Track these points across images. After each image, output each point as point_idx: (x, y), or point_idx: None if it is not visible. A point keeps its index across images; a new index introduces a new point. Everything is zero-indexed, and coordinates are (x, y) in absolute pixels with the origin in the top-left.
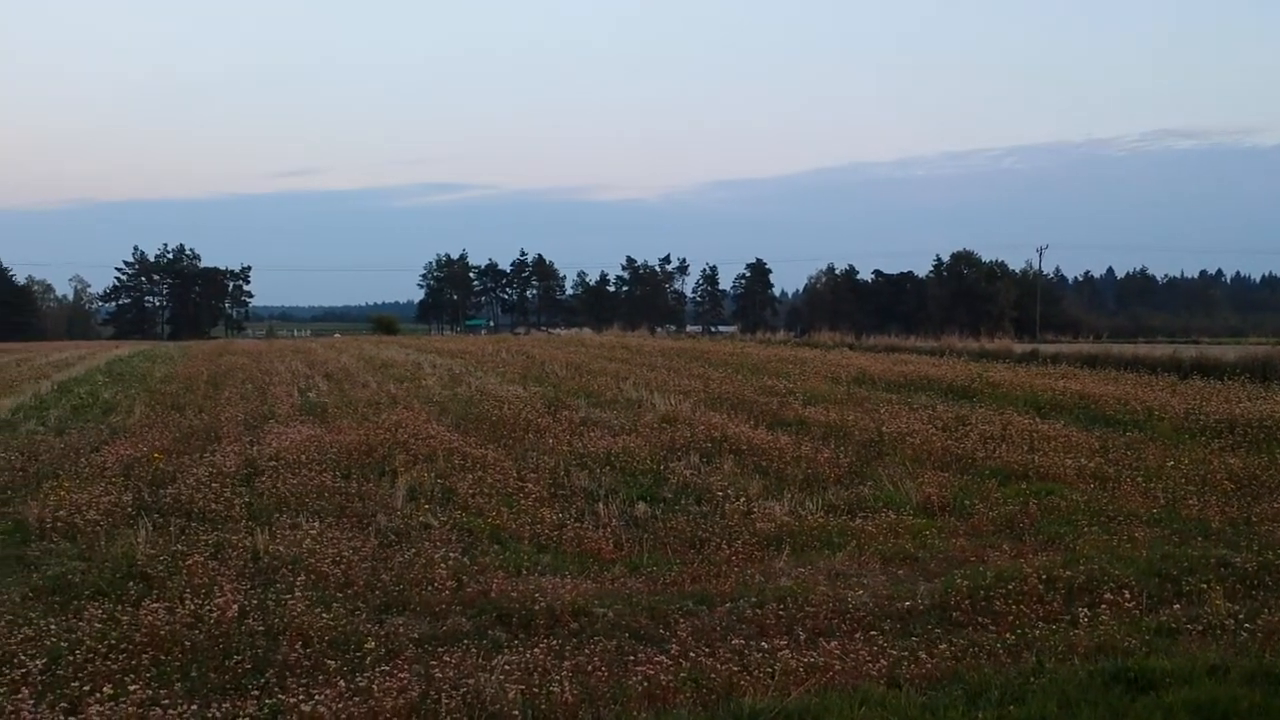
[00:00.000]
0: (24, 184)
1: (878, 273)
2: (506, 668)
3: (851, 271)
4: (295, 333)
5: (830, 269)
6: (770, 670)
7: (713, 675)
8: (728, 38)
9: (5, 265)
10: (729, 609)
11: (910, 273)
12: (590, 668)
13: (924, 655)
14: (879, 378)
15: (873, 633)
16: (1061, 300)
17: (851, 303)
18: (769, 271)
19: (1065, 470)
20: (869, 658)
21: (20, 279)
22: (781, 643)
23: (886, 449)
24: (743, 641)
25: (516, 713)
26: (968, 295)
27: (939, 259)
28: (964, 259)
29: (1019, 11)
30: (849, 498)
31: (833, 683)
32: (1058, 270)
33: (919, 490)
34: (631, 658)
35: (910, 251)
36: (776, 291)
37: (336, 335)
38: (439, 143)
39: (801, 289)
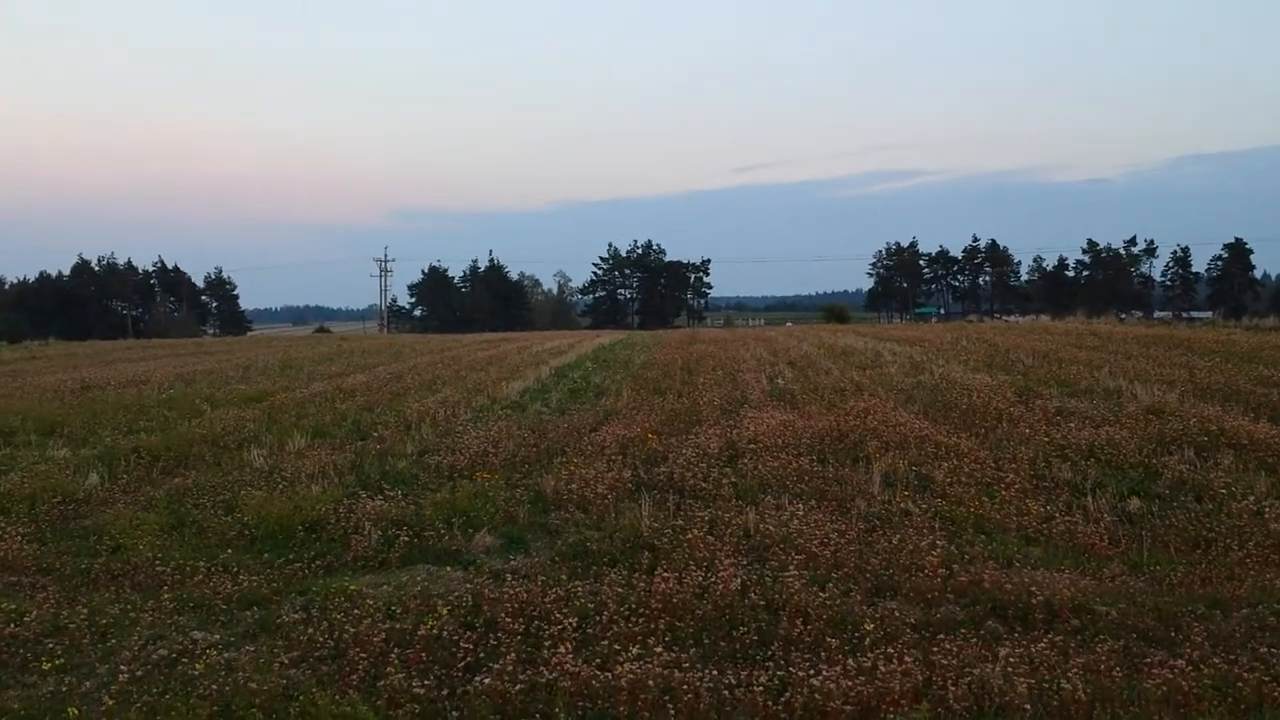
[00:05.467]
0: (516, 189)
1: None
2: (1011, 660)
3: None
4: (750, 322)
5: None
6: None
7: (1239, 684)
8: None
9: (501, 263)
10: (1246, 614)
11: None
12: (1101, 667)
13: None
14: None
15: None
16: None
17: None
18: (1249, 252)
19: None
20: None
21: (514, 275)
22: None
23: None
24: (1268, 650)
25: (1027, 707)
26: None
27: None
28: None
29: None
30: None
31: None
32: None
33: None
34: (1144, 660)
35: None
36: (1258, 273)
37: (789, 324)
38: (892, 130)
39: None
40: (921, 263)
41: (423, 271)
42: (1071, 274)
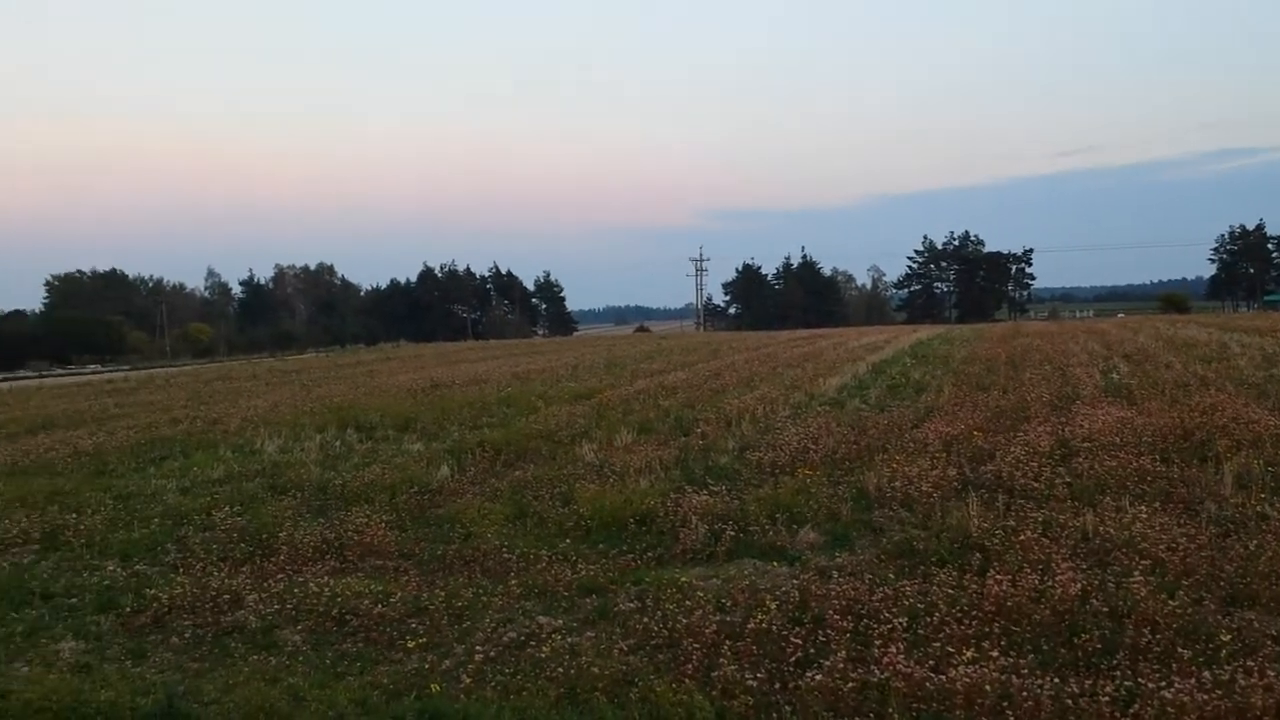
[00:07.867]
0: (828, 185)
1: None
2: None
3: None
4: (1078, 313)
5: None
6: None
7: None
8: None
9: (813, 259)
10: None
11: None
12: None
13: None
14: None
15: None
16: None
17: None
18: None
19: None
20: None
21: (826, 271)
22: None
23: None
24: None
25: None
26: None
27: None
28: None
29: None
30: None
31: None
32: None
33: None
34: None
35: None
36: None
37: (1120, 315)
38: (1232, 104)
39: None
40: (1270, 246)
41: (736, 270)
42: None
